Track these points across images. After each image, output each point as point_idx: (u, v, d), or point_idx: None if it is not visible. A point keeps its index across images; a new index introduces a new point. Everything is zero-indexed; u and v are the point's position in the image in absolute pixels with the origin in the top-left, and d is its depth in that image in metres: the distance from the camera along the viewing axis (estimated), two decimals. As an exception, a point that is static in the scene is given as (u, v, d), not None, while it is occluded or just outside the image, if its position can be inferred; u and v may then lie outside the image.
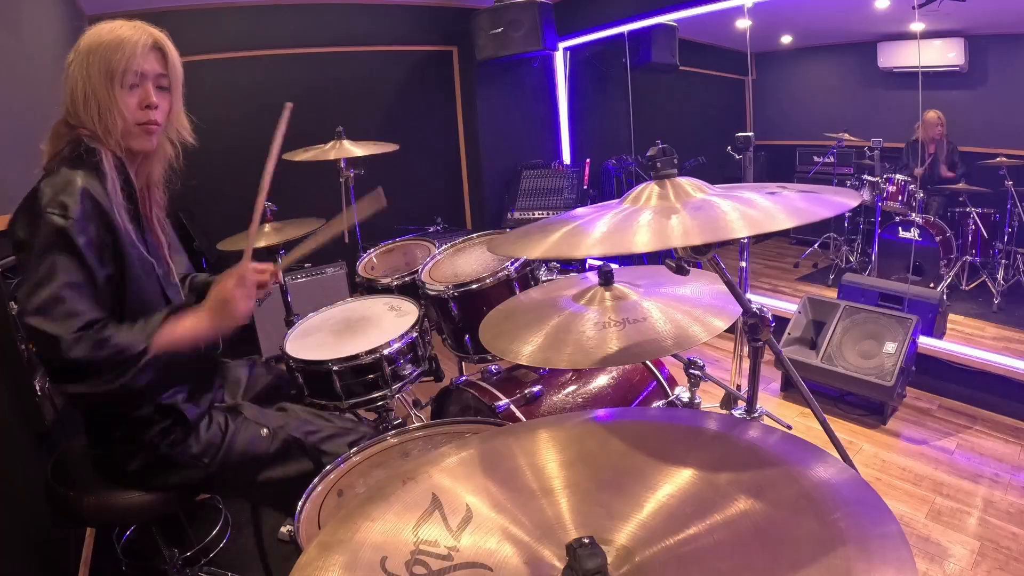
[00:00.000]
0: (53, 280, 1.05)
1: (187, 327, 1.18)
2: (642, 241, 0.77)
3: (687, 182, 0.90)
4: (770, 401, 2.81)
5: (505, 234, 1.07)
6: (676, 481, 0.66)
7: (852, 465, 1.11)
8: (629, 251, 0.77)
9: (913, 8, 3.02)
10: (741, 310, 1.02)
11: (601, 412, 0.84)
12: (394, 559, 0.61)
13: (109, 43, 1.17)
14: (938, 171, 3.69)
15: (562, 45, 4.23)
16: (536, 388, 1.61)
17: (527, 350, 1.12)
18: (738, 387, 2.30)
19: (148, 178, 1.32)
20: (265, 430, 1.38)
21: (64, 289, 1.06)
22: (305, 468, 1.38)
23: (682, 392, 1.57)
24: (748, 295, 1.29)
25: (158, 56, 1.22)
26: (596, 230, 0.84)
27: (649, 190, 0.90)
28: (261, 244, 2.41)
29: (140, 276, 1.21)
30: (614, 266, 1.26)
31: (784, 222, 0.76)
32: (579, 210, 1.00)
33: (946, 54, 3.62)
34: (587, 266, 3.80)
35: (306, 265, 3.57)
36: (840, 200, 0.84)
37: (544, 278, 1.88)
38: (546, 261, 1.97)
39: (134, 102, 1.19)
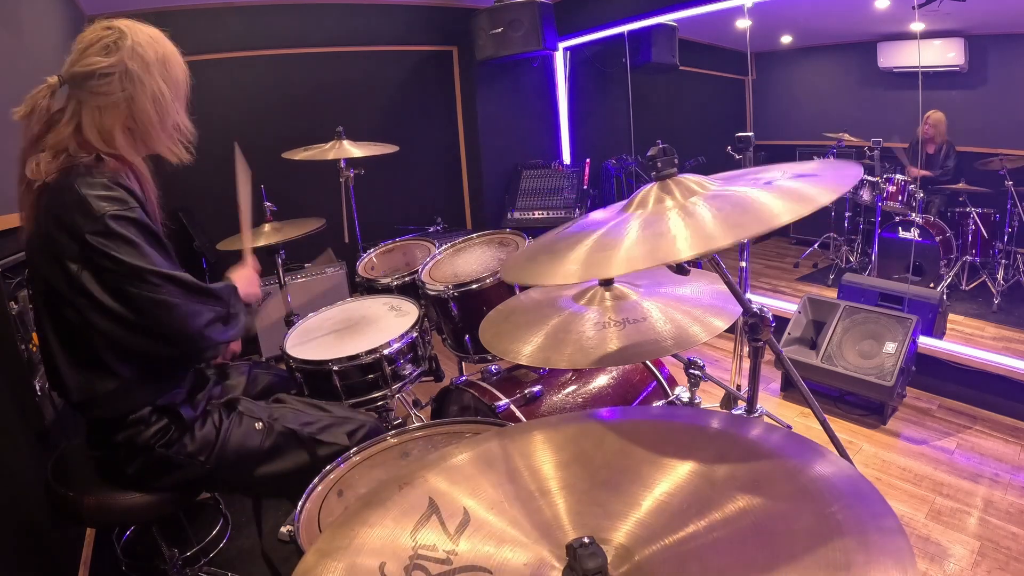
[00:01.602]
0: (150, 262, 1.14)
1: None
2: (683, 246, 0.73)
3: (690, 179, 0.89)
4: (770, 401, 2.81)
5: (518, 257, 1.01)
6: (673, 479, 0.66)
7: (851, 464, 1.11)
8: (674, 260, 0.73)
9: (913, 8, 3.02)
10: (741, 310, 1.03)
11: (596, 411, 0.84)
12: (393, 564, 0.61)
13: (173, 55, 1.23)
14: (940, 176, 3.69)
15: (562, 45, 4.23)
16: (536, 388, 1.61)
17: (527, 350, 1.12)
18: (738, 387, 2.30)
19: (149, 185, 1.32)
20: (260, 424, 1.38)
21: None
22: (303, 460, 1.38)
23: (682, 392, 1.57)
24: (748, 295, 1.29)
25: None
26: (626, 239, 0.80)
27: (651, 192, 0.89)
28: (261, 243, 2.42)
29: None
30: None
31: (822, 197, 0.73)
32: (586, 218, 0.98)
33: (946, 54, 3.62)
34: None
35: (306, 265, 3.57)
36: (849, 171, 0.83)
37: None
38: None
39: (185, 110, 1.28)
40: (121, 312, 1.13)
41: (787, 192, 0.79)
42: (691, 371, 1.55)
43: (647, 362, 1.73)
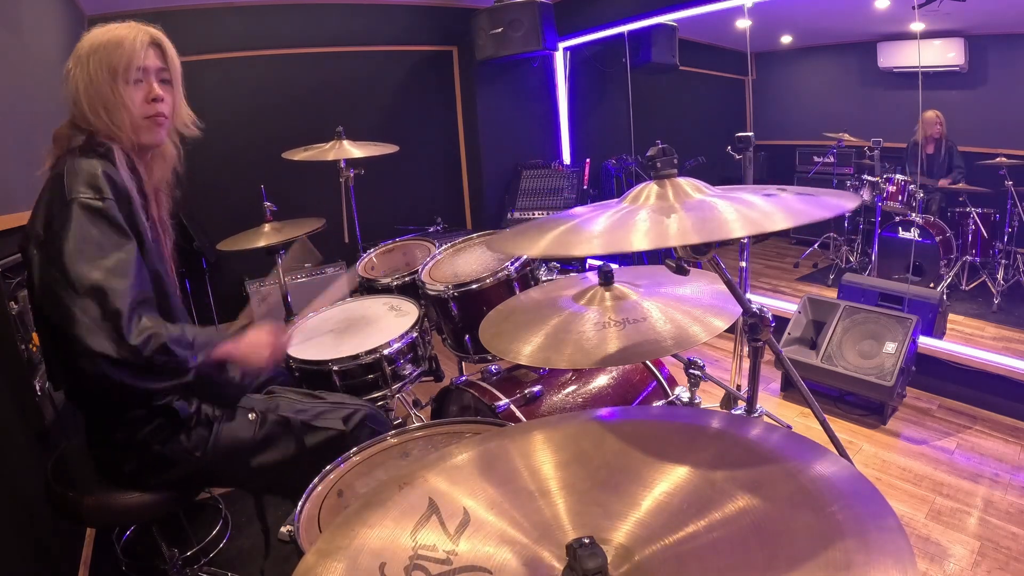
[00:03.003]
0: (104, 257, 1.08)
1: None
2: (639, 240, 0.77)
3: (686, 182, 0.90)
4: (770, 401, 2.81)
5: (503, 232, 1.06)
6: (673, 479, 0.66)
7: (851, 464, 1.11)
8: (625, 250, 0.77)
9: (913, 8, 3.02)
10: (741, 310, 1.02)
11: (596, 411, 0.84)
12: (393, 565, 0.61)
13: (108, 42, 1.20)
14: (936, 174, 3.69)
15: (562, 45, 4.23)
16: (536, 388, 1.61)
17: (527, 350, 1.12)
18: (738, 387, 2.30)
19: (155, 181, 1.34)
20: (252, 414, 1.37)
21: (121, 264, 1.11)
22: (297, 448, 1.37)
23: (682, 392, 1.57)
24: (748, 295, 1.29)
25: (157, 52, 1.25)
26: (594, 228, 0.84)
27: (648, 190, 0.90)
28: (260, 244, 2.42)
29: (155, 270, 1.24)
30: (614, 266, 1.26)
31: (781, 222, 0.76)
32: (578, 209, 1.00)
33: (946, 54, 3.62)
34: (587, 266, 3.80)
35: (306, 265, 3.57)
36: (837, 202, 0.84)
37: (544, 278, 1.88)
38: (546, 261, 1.97)
39: (139, 97, 1.23)
40: (44, 309, 1.11)
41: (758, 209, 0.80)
42: (691, 371, 1.55)
43: (647, 362, 1.73)
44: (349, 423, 1.42)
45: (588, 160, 4.19)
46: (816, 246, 4.41)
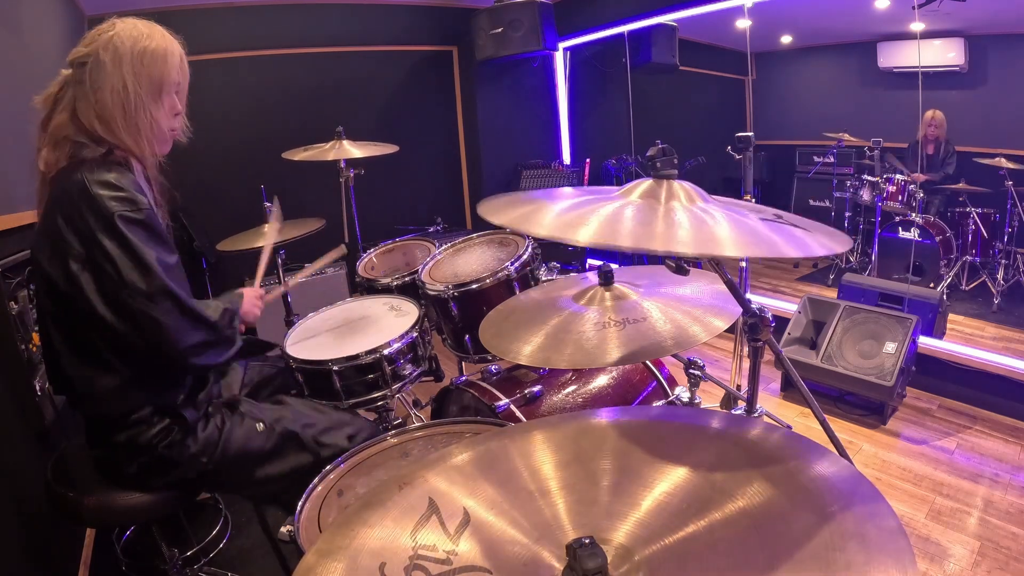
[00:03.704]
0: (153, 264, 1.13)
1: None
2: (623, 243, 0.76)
3: (684, 186, 0.88)
4: (770, 401, 2.81)
5: (495, 200, 1.01)
6: (672, 479, 0.66)
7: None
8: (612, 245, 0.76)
9: (913, 8, 3.02)
10: (741, 310, 1.02)
11: (596, 411, 0.84)
12: (393, 565, 0.61)
13: (155, 52, 1.18)
14: (935, 171, 3.69)
15: (562, 45, 4.23)
16: (536, 388, 1.61)
17: (527, 350, 1.12)
18: (738, 387, 2.30)
19: (158, 187, 1.34)
20: (261, 425, 1.38)
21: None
22: (303, 462, 1.38)
23: (682, 392, 1.57)
24: (748, 295, 1.29)
25: (187, 66, 1.26)
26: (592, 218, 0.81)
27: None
28: (260, 244, 2.41)
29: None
30: (614, 266, 1.26)
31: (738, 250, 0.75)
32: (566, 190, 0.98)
33: (946, 54, 3.62)
34: (587, 266, 3.80)
35: (306, 265, 3.57)
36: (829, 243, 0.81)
37: (544, 278, 1.88)
38: (546, 261, 1.97)
39: (168, 110, 1.23)
40: (112, 321, 1.12)
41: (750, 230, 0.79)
42: (691, 371, 1.55)
43: (647, 362, 1.73)
44: (353, 442, 1.43)
45: (588, 160, 4.19)
46: (816, 246, 4.40)
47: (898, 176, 3.61)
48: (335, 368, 1.66)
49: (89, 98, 1.15)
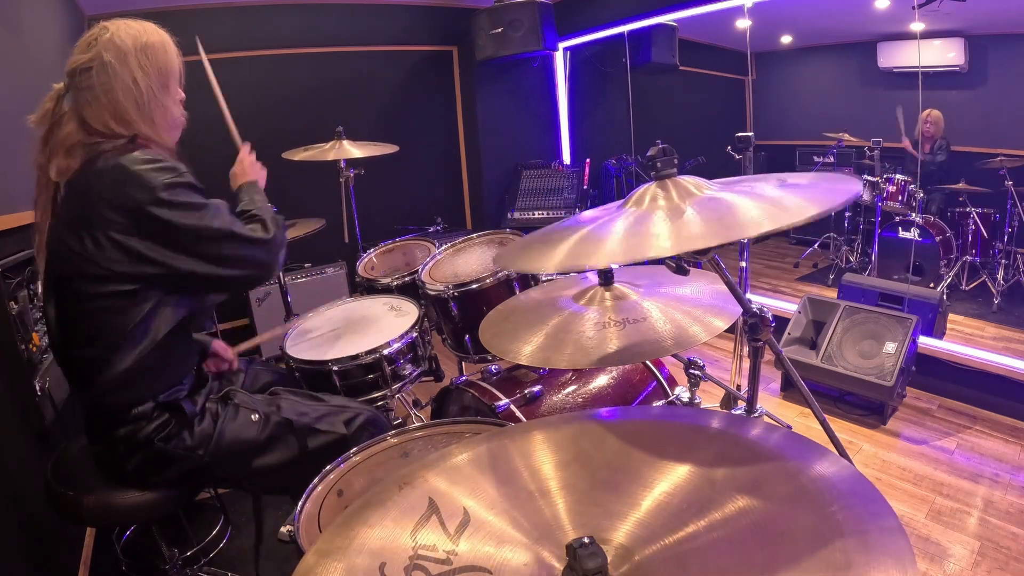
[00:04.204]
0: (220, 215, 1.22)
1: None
2: (662, 246, 0.76)
3: (688, 180, 0.90)
4: (770, 401, 2.81)
5: (509, 246, 1.06)
6: (673, 479, 0.66)
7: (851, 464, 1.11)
8: (649, 256, 0.76)
9: (913, 8, 3.02)
10: (741, 310, 1.02)
11: (596, 411, 0.84)
12: (393, 565, 0.61)
13: (157, 44, 1.23)
14: (937, 174, 3.69)
15: (562, 45, 4.23)
16: (536, 388, 1.61)
17: (527, 350, 1.12)
18: (738, 387, 2.30)
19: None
20: (256, 415, 1.37)
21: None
22: (299, 450, 1.38)
23: (682, 392, 1.57)
24: (748, 295, 1.29)
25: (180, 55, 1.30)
26: (611, 235, 0.83)
27: (650, 191, 0.90)
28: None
29: None
30: (614, 266, 1.26)
31: (801, 212, 0.74)
32: (586, 214, 0.99)
33: (946, 54, 3.62)
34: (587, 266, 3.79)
35: (306, 265, 3.57)
36: (845, 187, 0.83)
37: (544, 278, 1.88)
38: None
39: (175, 97, 1.29)
40: (206, 270, 1.20)
41: (775, 202, 0.80)
42: (691, 371, 1.54)
43: (647, 362, 1.73)
44: (351, 427, 1.43)
45: (588, 160, 4.18)
46: (816, 246, 4.41)
47: (898, 176, 3.61)
48: (335, 368, 1.66)
49: (100, 100, 1.17)
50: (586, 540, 0.54)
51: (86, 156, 1.17)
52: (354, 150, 2.54)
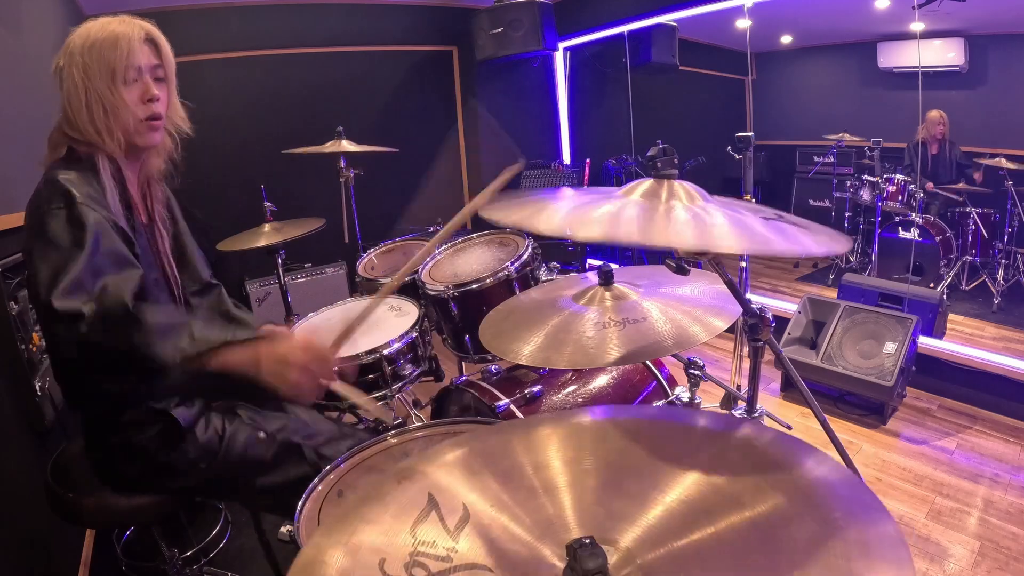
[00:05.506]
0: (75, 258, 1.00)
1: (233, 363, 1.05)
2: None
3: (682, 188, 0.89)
4: (770, 401, 2.81)
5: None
6: (679, 483, 0.65)
7: (852, 465, 1.11)
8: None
9: (913, 8, 3.02)
10: (741, 310, 1.02)
11: (601, 409, 0.83)
12: (392, 561, 0.60)
13: (104, 39, 1.15)
14: (942, 175, 3.68)
15: (562, 45, 4.23)
16: (536, 388, 1.61)
17: (527, 350, 1.12)
18: (738, 387, 2.30)
19: (148, 173, 1.30)
20: (262, 433, 1.35)
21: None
22: (304, 473, 1.34)
23: (682, 392, 1.57)
24: (748, 295, 1.29)
25: (152, 48, 1.20)
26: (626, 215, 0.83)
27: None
28: (261, 244, 2.41)
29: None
30: (614, 266, 1.26)
31: (766, 244, 0.76)
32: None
33: (946, 54, 3.62)
34: (587, 266, 3.80)
35: (306, 265, 3.57)
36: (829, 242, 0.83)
37: (544, 278, 1.88)
38: (546, 261, 1.97)
39: (135, 97, 1.17)
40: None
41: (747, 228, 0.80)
42: (691, 371, 1.54)
43: (647, 362, 1.73)
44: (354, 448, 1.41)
45: (588, 160, 4.18)
46: (816, 246, 4.40)
47: (898, 176, 3.61)
48: (335, 368, 1.65)
49: (63, 105, 1.15)
50: (587, 540, 0.53)
51: (52, 157, 1.17)
52: (353, 150, 2.55)
